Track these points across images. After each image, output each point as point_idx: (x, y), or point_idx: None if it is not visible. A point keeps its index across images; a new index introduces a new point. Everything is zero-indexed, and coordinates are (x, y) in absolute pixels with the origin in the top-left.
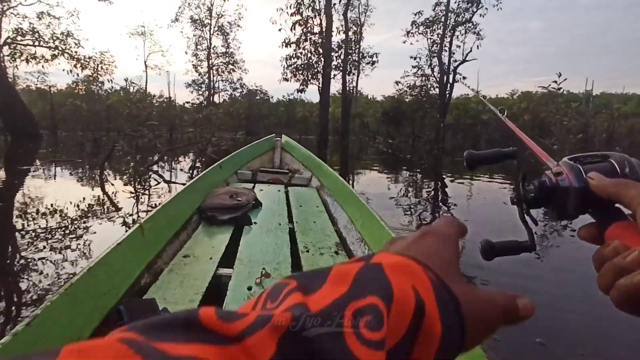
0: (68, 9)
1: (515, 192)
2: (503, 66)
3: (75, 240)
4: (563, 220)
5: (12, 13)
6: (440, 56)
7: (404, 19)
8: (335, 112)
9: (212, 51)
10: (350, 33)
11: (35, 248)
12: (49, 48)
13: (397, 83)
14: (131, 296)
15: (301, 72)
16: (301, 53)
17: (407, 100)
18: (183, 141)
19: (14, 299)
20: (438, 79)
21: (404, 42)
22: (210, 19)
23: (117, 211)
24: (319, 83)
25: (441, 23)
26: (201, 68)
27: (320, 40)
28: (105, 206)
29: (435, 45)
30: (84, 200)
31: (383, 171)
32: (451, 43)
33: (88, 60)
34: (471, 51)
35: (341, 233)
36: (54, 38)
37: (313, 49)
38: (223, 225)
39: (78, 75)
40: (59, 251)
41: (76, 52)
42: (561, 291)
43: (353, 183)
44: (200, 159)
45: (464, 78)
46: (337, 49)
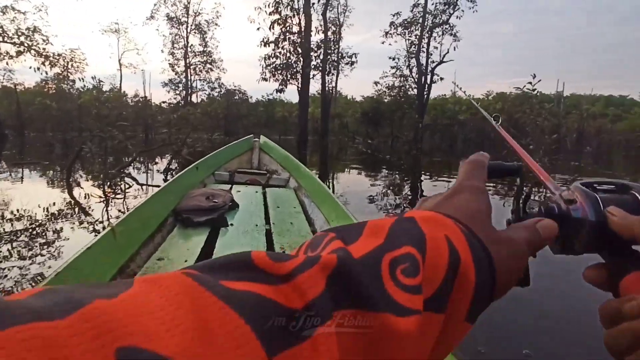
0: (35, 4)
1: (513, 214)
2: (478, 68)
3: (40, 247)
4: (565, 254)
5: None
6: (418, 57)
7: (383, 20)
8: (314, 113)
9: (190, 50)
10: (329, 33)
11: None
12: (14, 44)
13: (376, 83)
14: None
15: (280, 72)
16: (280, 53)
17: (386, 100)
18: (158, 142)
19: None
20: (416, 80)
21: (383, 43)
22: (187, 17)
23: (86, 216)
24: (298, 83)
25: (419, 24)
26: (178, 67)
27: (299, 39)
28: (72, 211)
29: (413, 46)
30: (50, 205)
31: (363, 172)
32: (429, 44)
33: (57, 57)
34: (448, 52)
35: None
36: (19, 34)
37: (292, 49)
38: (199, 227)
39: (47, 73)
40: (25, 258)
41: (44, 49)
42: (549, 301)
43: (333, 184)
44: (176, 161)
45: (442, 79)
46: (316, 49)
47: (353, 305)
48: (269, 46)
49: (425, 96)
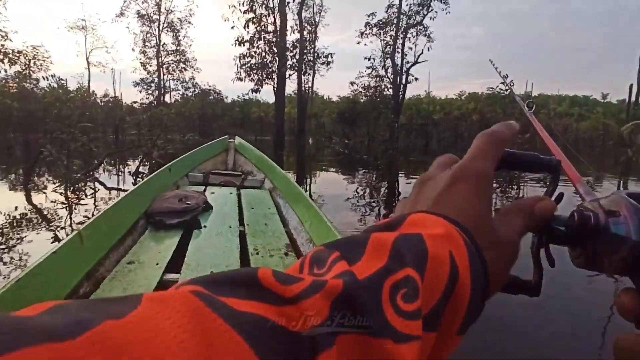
0: None
1: None
2: (451, 68)
3: None
4: (590, 270)
5: None
6: (393, 57)
7: (357, 22)
8: (291, 113)
9: (162, 48)
10: (305, 33)
11: None
12: None
13: (352, 84)
14: None
15: (255, 72)
16: (255, 52)
17: (362, 100)
18: (127, 144)
19: None
20: (391, 80)
21: (358, 43)
22: (159, 15)
23: (47, 222)
24: (274, 83)
25: (394, 25)
26: (150, 66)
27: (274, 39)
28: (33, 217)
29: (388, 46)
30: (7, 212)
31: (340, 172)
32: (403, 45)
33: (18, 54)
34: (422, 53)
35: (292, 234)
36: None
37: (267, 48)
38: (171, 229)
39: (6, 71)
40: None
41: (3, 46)
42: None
43: (310, 184)
44: (147, 163)
45: (416, 79)
46: (292, 49)
47: (354, 330)
48: (244, 45)
49: (400, 96)
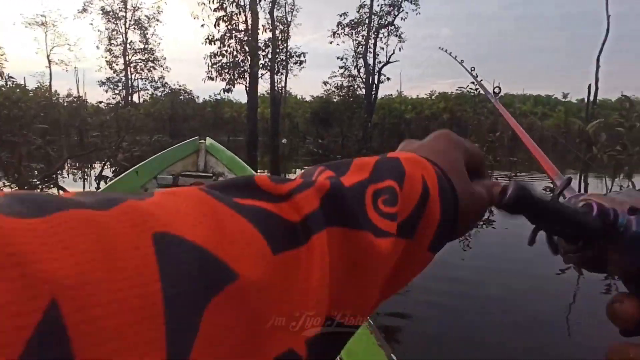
0: None
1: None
2: (420, 68)
3: None
4: (585, 268)
5: None
6: (365, 57)
7: (329, 21)
8: (264, 113)
9: (129, 47)
10: (277, 32)
11: None
12: None
13: (325, 83)
14: None
15: (227, 71)
16: (226, 51)
17: (335, 100)
18: (89, 146)
19: None
20: (364, 80)
21: (331, 43)
22: (125, 12)
23: None
24: (246, 82)
25: (365, 25)
26: (117, 65)
27: (246, 38)
28: None
29: (360, 46)
30: None
31: None
32: (375, 45)
33: None
34: (394, 53)
35: None
36: None
37: (239, 47)
38: None
39: None
40: None
41: None
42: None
43: None
44: (113, 167)
45: (388, 79)
46: (264, 48)
47: (341, 223)
48: (215, 44)
49: (373, 96)
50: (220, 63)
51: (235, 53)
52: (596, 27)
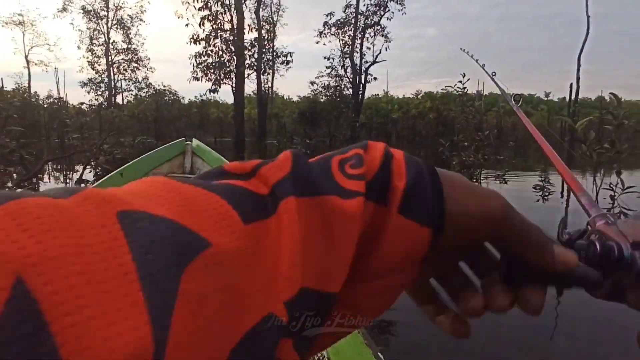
0: None
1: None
2: (406, 68)
3: None
4: (608, 300)
5: None
6: (352, 57)
7: (316, 22)
8: (251, 113)
9: (112, 47)
10: (263, 32)
11: None
12: None
13: (312, 83)
14: None
15: (213, 71)
16: (212, 51)
17: (322, 100)
18: (71, 149)
19: None
20: (351, 80)
21: (317, 43)
22: (106, 11)
23: None
24: (233, 83)
25: (352, 25)
26: (99, 65)
27: (231, 37)
28: None
29: (347, 46)
30: None
31: None
32: (362, 45)
33: None
34: (380, 53)
35: None
36: None
37: (224, 47)
38: None
39: None
40: None
41: None
42: None
43: None
44: (93, 170)
45: (375, 79)
46: (250, 48)
47: (307, 192)
48: (200, 44)
49: (360, 95)
50: (205, 63)
51: (220, 53)
52: (576, 28)
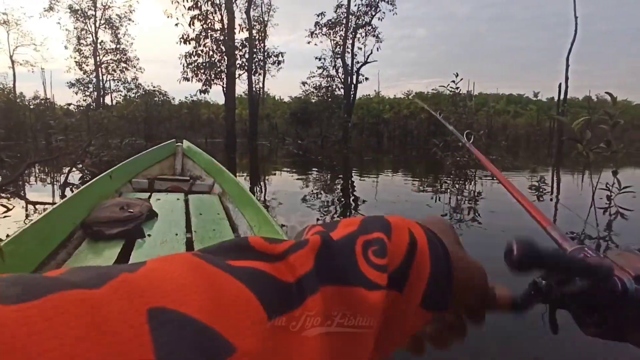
0: None
1: (539, 278)
2: (397, 69)
3: None
4: (608, 339)
5: None
6: (343, 57)
7: (306, 22)
8: (242, 114)
9: (100, 47)
10: (254, 32)
11: None
12: None
13: (304, 84)
14: None
15: (203, 71)
16: (202, 51)
17: (314, 101)
18: (55, 151)
19: None
20: (342, 80)
21: (309, 43)
22: (94, 10)
23: None
24: (223, 83)
25: (343, 25)
26: (87, 65)
27: (222, 37)
28: None
29: (338, 46)
30: None
31: (296, 173)
32: (353, 45)
33: None
34: (372, 53)
35: None
36: None
37: (215, 47)
38: (111, 240)
39: None
40: None
41: None
42: None
43: (266, 186)
44: (80, 173)
45: (367, 79)
46: (241, 48)
47: (334, 281)
48: (190, 43)
49: (352, 96)
50: (196, 63)
51: (211, 53)
52: (565, 28)
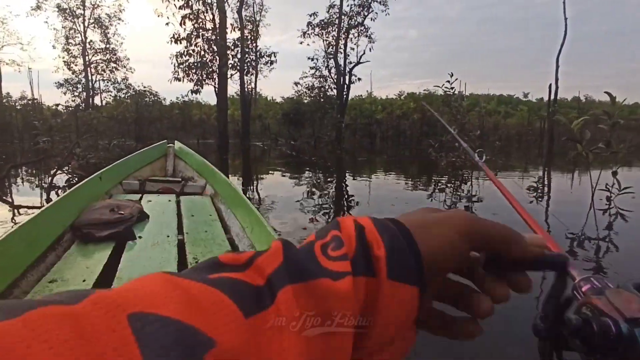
0: None
1: (541, 318)
2: (389, 69)
3: None
4: None
5: None
6: (336, 58)
7: (298, 23)
8: (234, 115)
9: (89, 46)
10: (245, 32)
11: None
12: None
13: (296, 84)
14: None
15: (195, 71)
16: (193, 50)
17: (306, 101)
18: (40, 152)
19: None
20: (335, 80)
21: (301, 43)
22: (83, 9)
23: None
24: (215, 83)
25: (335, 25)
26: (75, 65)
27: (213, 37)
28: None
29: (331, 47)
30: None
31: (289, 174)
32: (346, 45)
33: None
34: (364, 53)
35: (233, 241)
36: None
37: (206, 47)
38: (101, 242)
39: None
40: None
41: None
42: None
43: (258, 187)
44: (68, 176)
45: (359, 79)
46: (233, 47)
47: (300, 279)
48: (181, 43)
49: (345, 96)
50: (187, 63)
51: (202, 52)
52: (554, 29)
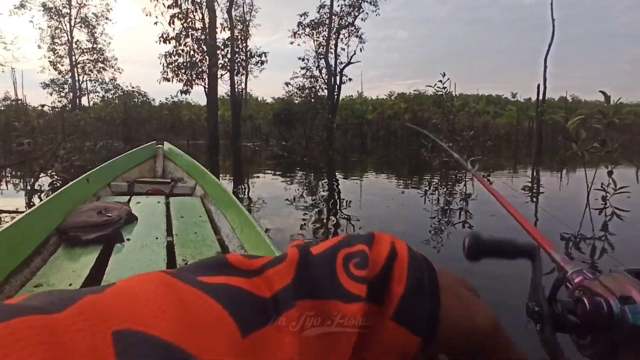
0: None
1: (531, 301)
2: (379, 70)
3: None
4: None
5: None
6: (327, 58)
7: (289, 23)
8: (225, 115)
9: (75, 46)
10: (235, 31)
11: None
12: None
13: (287, 84)
14: None
15: (184, 72)
16: (182, 50)
17: (297, 101)
18: (22, 154)
19: None
20: (326, 80)
21: (292, 43)
22: (69, 8)
23: None
24: (205, 83)
25: (326, 25)
26: (62, 66)
27: (203, 36)
28: None
29: (321, 47)
30: None
31: (280, 174)
32: (336, 45)
33: None
34: (355, 54)
35: (223, 242)
36: None
37: (196, 46)
38: (88, 245)
39: None
40: None
41: None
42: None
43: (249, 188)
44: (51, 179)
45: (350, 80)
46: (223, 47)
47: (310, 295)
48: (170, 43)
49: (335, 96)
50: (176, 63)
51: (192, 52)
52: (542, 31)
